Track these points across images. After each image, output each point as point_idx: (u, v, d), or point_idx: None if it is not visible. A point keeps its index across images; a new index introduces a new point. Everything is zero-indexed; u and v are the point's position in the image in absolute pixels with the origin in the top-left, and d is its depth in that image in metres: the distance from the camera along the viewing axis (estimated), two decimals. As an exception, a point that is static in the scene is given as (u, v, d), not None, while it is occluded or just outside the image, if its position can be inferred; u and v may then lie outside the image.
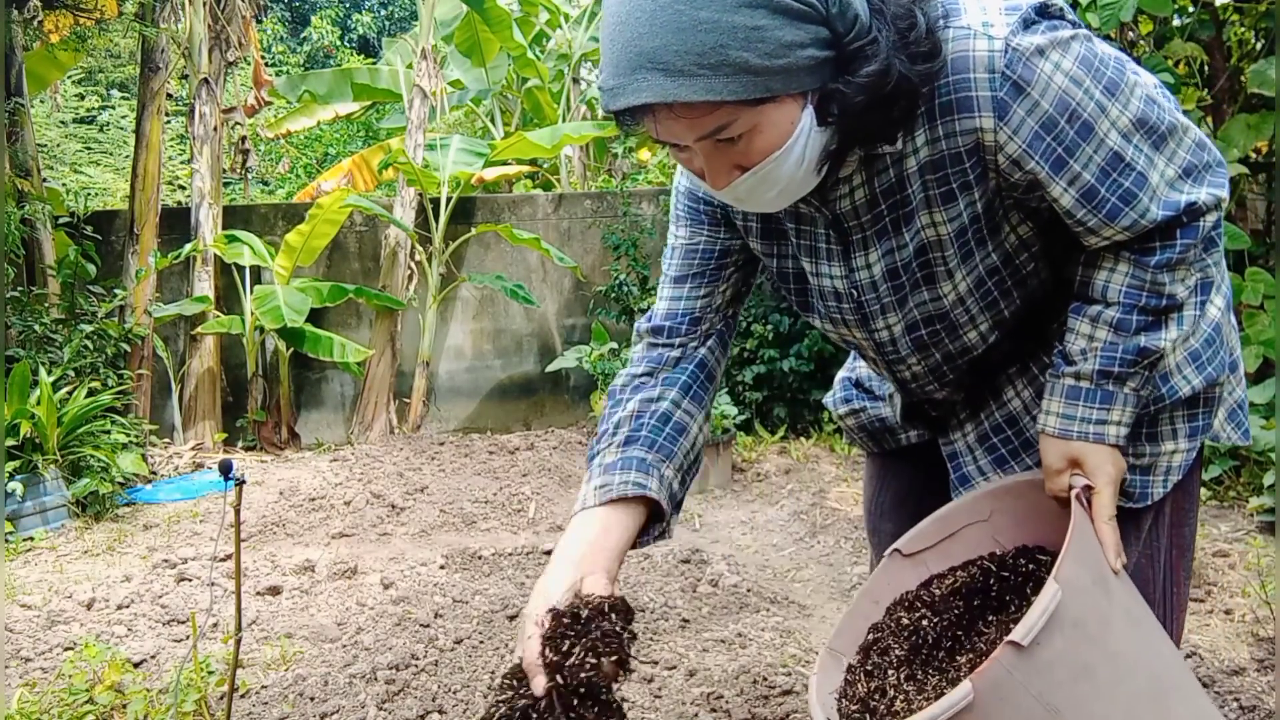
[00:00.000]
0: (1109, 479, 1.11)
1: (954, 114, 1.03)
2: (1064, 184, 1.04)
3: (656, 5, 0.89)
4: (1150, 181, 1.04)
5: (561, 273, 6.70)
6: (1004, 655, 0.94)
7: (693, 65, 0.89)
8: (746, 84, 0.90)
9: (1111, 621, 1.03)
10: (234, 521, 1.90)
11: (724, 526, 4.13)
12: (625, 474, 1.14)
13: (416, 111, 6.59)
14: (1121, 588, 1.08)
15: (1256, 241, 4.00)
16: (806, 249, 1.21)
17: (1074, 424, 1.12)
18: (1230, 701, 2.27)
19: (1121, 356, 1.09)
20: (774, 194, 1.04)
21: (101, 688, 2.42)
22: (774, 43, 0.90)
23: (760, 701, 2.34)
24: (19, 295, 5.20)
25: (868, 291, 1.19)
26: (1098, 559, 1.06)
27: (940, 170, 1.07)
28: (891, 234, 1.14)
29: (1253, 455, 3.76)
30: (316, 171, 11.34)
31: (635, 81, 0.91)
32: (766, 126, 0.96)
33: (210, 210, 6.17)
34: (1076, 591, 0.98)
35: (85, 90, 11.09)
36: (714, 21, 0.88)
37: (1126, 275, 1.09)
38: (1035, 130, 1.02)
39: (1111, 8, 3.50)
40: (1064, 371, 1.13)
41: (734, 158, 0.99)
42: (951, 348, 1.24)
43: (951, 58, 1.01)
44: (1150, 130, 1.04)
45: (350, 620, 3.06)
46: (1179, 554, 1.29)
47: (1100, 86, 1.02)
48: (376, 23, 15.47)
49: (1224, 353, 1.23)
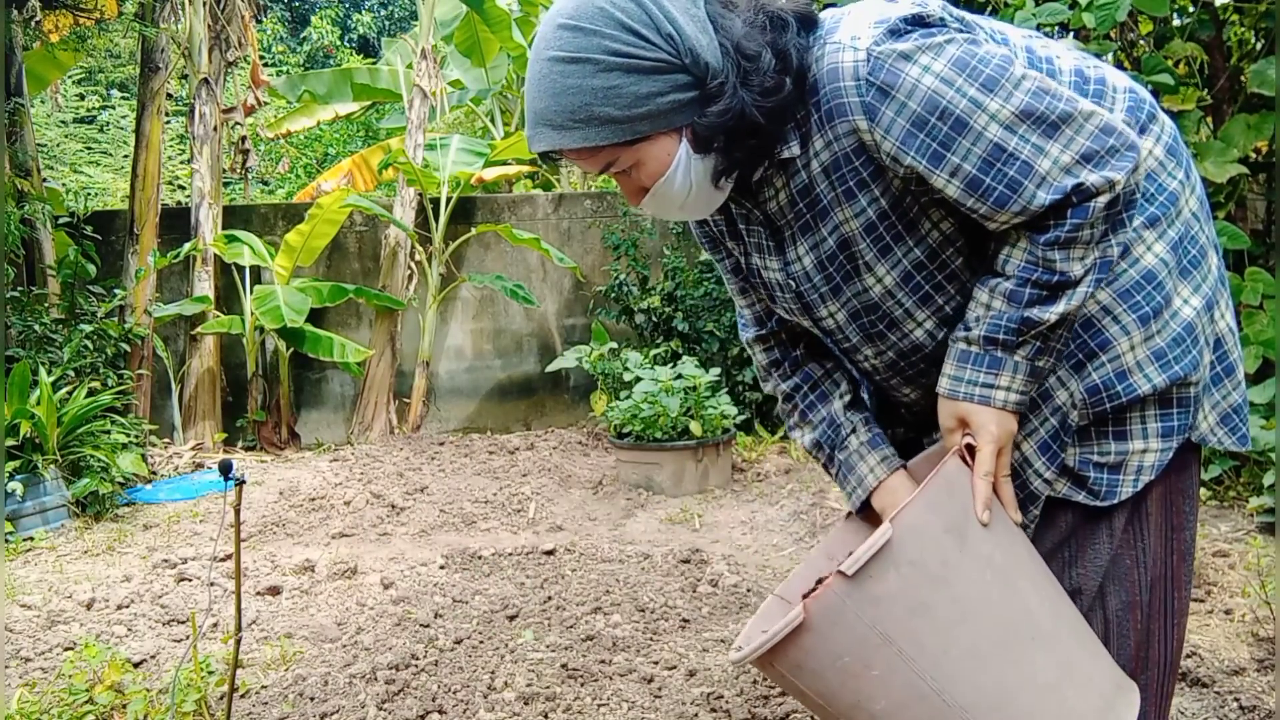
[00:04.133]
0: (991, 438, 1.18)
1: (834, 119, 1.16)
2: (945, 176, 1.13)
3: (541, 74, 1.12)
4: (1037, 168, 1.11)
5: (561, 273, 6.70)
6: (835, 583, 1.06)
7: (569, 121, 1.11)
8: (614, 131, 1.11)
9: (959, 567, 1.10)
10: (234, 521, 1.90)
11: (724, 526, 4.13)
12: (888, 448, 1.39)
13: (416, 111, 6.59)
14: (989, 539, 1.14)
15: (1256, 241, 4.00)
16: (755, 246, 1.36)
17: (961, 385, 1.20)
18: (1230, 701, 2.27)
19: (1006, 325, 1.16)
20: (677, 208, 1.23)
21: (101, 688, 2.42)
22: (630, 96, 1.10)
23: (760, 701, 2.34)
24: (19, 295, 5.20)
25: (804, 282, 1.31)
26: (957, 510, 1.13)
27: (839, 170, 1.19)
28: (813, 229, 1.26)
29: (1253, 455, 3.76)
30: (316, 171, 11.34)
31: (536, 134, 1.15)
32: (648, 159, 1.16)
33: (210, 210, 6.17)
34: (918, 535, 1.08)
35: (85, 90, 11.09)
36: (579, 86, 1.10)
37: (1024, 251, 1.16)
38: (907, 129, 1.12)
39: (1107, 8, 3.50)
40: (958, 336, 1.21)
41: (635, 183, 1.20)
42: (902, 345, 1.30)
43: (825, 70, 1.15)
44: (1038, 120, 1.11)
45: (350, 620, 3.06)
46: (1179, 559, 1.28)
47: (976, 84, 1.11)
48: (376, 23, 15.47)
49: (1195, 352, 1.22)
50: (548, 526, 4.22)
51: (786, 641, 1.07)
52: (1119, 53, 4.12)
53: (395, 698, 2.42)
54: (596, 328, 6.16)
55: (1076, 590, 1.25)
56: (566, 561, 3.56)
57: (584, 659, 2.60)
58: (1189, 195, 1.26)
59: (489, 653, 2.69)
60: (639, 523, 4.27)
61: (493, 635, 2.82)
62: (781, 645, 1.07)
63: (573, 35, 1.09)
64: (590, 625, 2.86)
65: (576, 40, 1.09)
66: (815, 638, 1.06)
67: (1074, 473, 1.24)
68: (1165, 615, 1.28)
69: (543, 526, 4.22)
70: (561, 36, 1.10)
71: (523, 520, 4.31)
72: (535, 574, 3.40)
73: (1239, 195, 3.98)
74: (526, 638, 2.78)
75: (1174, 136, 1.27)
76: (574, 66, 1.09)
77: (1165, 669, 1.29)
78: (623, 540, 3.94)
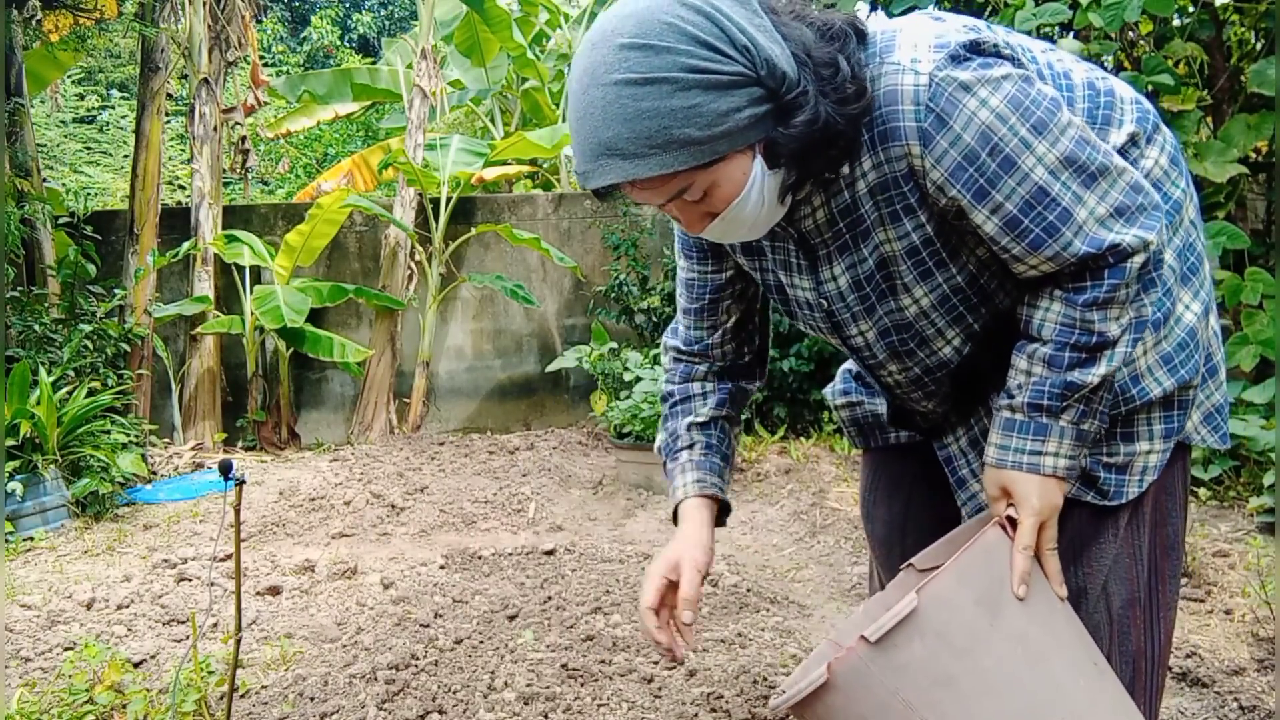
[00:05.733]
0: (1033, 510, 1.17)
1: (888, 142, 1.13)
2: (986, 212, 1.12)
3: (606, 100, 1.03)
4: (1076, 217, 1.11)
5: (561, 273, 6.70)
6: (859, 647, 1.07)
7: (644, 148, 1.03)
8: (694, 153, 1.04)
9: (988, 641, 1.10)
10: (234, 521, 1.90)
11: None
12: (712, 475, 1.44)
13: (416, 111, 6.59)
14: (1025, 615, 1.13)
15: (1256, 241, 3.99)
16: (781, 263, 1.33)
17: (1009, 454, 1.19)
18: (1230, 701, 2.27)
19: (1050, 390, 1.16)
20: (745, 230, 1.17)
21: (101, 688, 2.42)
22: (711, 115, 1.03)
23: (760, 701, 2.34)
24: (19, 295, 5.20)
25: (836, 301, 1.29)
26: (992, 582, 1.12)
27: (886, 192, 1.17)
28: (852, 249, 1.23)
29: (1253, 455, 3.76)
30: (316, 171, 11.34)
31: (600, 166, 1.06)
32: (723, 180, 1.09)
33: (210, 210, 6.17)
34: (946, 606, 1.08)
35: (85, 90, 11.09)
36: (655, 109, 1.02)
37: (1059, 314, 1.15)
38: (958, 161, 1.11)
39: (1116, 8, 3.50)
40: (1002, 405, 1.21)
41: (701, 208, 1.13)
42: (929, 361, 1.30)
43: (883, 91, 1.12)
44: (1080, 169, 1.11)
45: (350, 620, 3.06)
46: (1163, 552, 1.33)
47: (1027, 125, 1.10)
48: (376, 23, 15.47)
49: (1198, 356, 1.27)
50: (548, 526, 4.22)
51: (812, 697, 1.09)
52: (1119, 52, 4.12)
53: (395, 698, 2.42)
54: (596, 328, 6.15)
55: (1082, 589, 1.27)
56: (566, 561, 3.56)
57: (584, 659, 2.60)
58: (1189, 203, 1.30)
59: (489, 653, 2.69)
60: (639, 523, 4.27)
61: (493, 635, 2.82)
62: (808, 700, 1.10)
63: (643, 55, 1.02)
64: (590, 625, 2.86)
65: (648, 60, 1.01)
66: (839, 697, 1.08)
67: (1085, 473, 1.26)
68: (1155, 609, 1.32)
69: (543, 526, 4.22)
70: (629, 57, 1.02)
71: (523, 520, 4.31)
72: (535, 574, 3.40)
73: (1239, 195, 3.98)
74: (526, 638, 2.78)
75: (1175, 146, 1.31)
76: (649, 88, 1.01)
77: (1157, 663, 1.33)
78: (623, 540, 3.94)
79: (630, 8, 1.05)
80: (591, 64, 1.05)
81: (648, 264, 6.37)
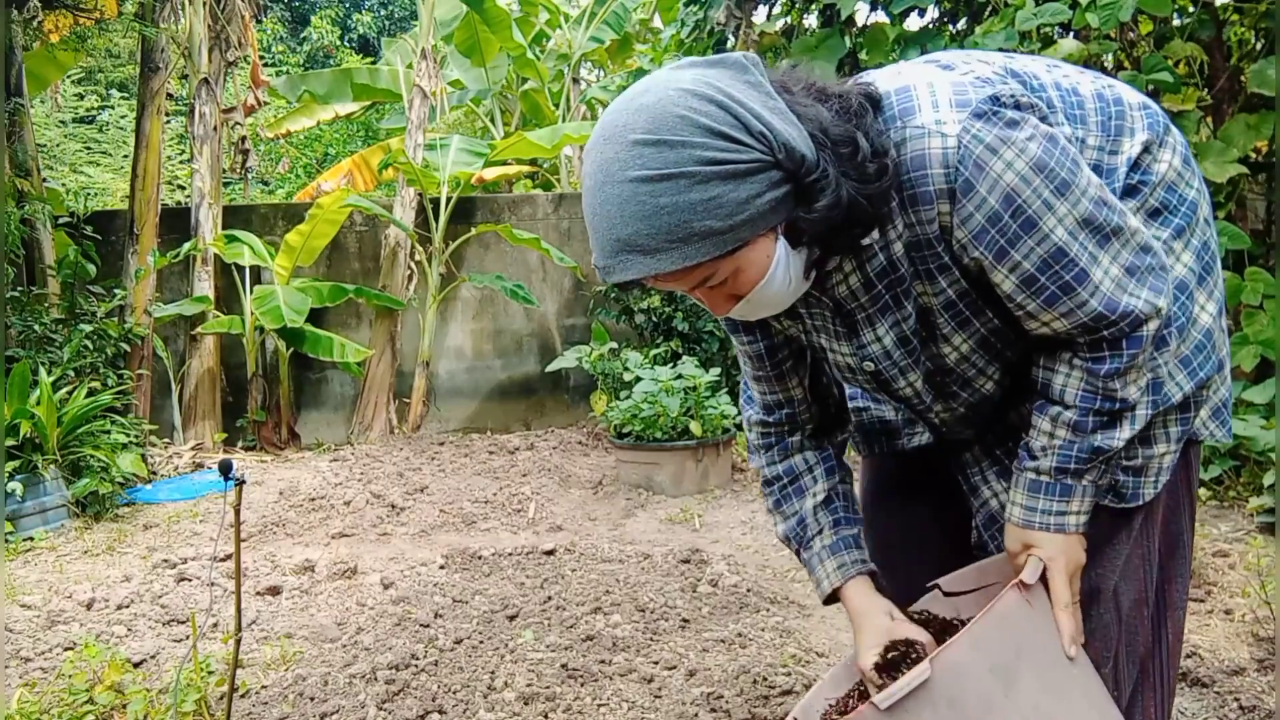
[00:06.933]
0: (1061, 569, 1.19)
1: (919, 205, 1.12)
2: (1005, 271, 1.12)
3: (623, 198, 1.01)
4: (1092, 277, 1.12)
5: (561, 273, 6.70)
6: (866, 711, 1.06)
7: (665, 243, 1.01)
8: (715, 244, 1.02)
9: (1001, 710, 1.09)
10: (234, 521, 1.90)
11: (724, 526, 4.13)
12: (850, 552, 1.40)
13: (416, 111, 6.59)
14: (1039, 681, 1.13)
15: (1256, 241, 3.99)
16: (819, 329, 1.32)
17: (1035, 515, 1.22)
18: (1230, 701, 2.27)
19: (1077, 455, 1.19)
20: (771, 308, 1.17)
21: (101, 688, 2.42)
22: (731, 204, 1.01)
23: (760, 701, 2.34)
24: (19, 295, 5.20)
25: (883, 360, 1.28)
26: (1008, 646, 1.12)
27: (920, 251, 1.16)
28: (894, 309, 1.23)
29: (1253, 455, 3.76)
30: (316, 171, 11.34)
31: (621, 262, 1.04)
32: (746, 265, 1.08)
33: (210, 210, 6.17)
34: (959, 674, 1.07)
35: (85, 90, 11.08)
36: (674, 204, 0.99)
37: (1081, 381, 1.17)
38: (982, 224, 1.10)
39: (1110, 8, 3.50)
40: (1026, 466, 1.23)
41: (726, 291, 1.12)
42: (973, 399, 1.31)
43: (910, 156, 1.10)
44: (1096, 230, 1.11)
45: (350, 620, 3.06)
46: (1169, 552, 1.33)
47: (1051, 186, 1.09)
48: (376, 23, 15.47)
49: (1215, 357, 1.28)
50: (548, 526, 4.22)
51: None
52: (1119, 52, 4.12)
53: (395, 698, 2.42)
54: (596, 328, 6.15)
55: (1095, 590, 1.28)
56: (566, 561, 3.56)
57: (584, 659, 2.60)
58: (1203, 203, 1.31)
59: (489, 653, 2.69)
60: (639, 523, 4.27)
61: (493, 635, 2.82)
62: None
63: (656, 150, 0.99)
64: (590, 625, 2.86)
65: (663, 155, 0.99)
66: None
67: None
68: (1162, 609, 1.33)
69: (543, 526, 4.22)
70: (643, 154, 0.99)
71: (523, 520, 4.31)
72: (535, 574, 3.40)
73: (1239, 195, 3.98)
74: (526, 638, 2.78)
75: (1185, 145, 1.31)
76: (665, 184, 0.99)
77: (1165, 664, 1.33)
78: (623, 540, 3.94)
79: (641, 100, 1.02)
80: (605, 160, 1.02)
81: (648, 264, 6.37)
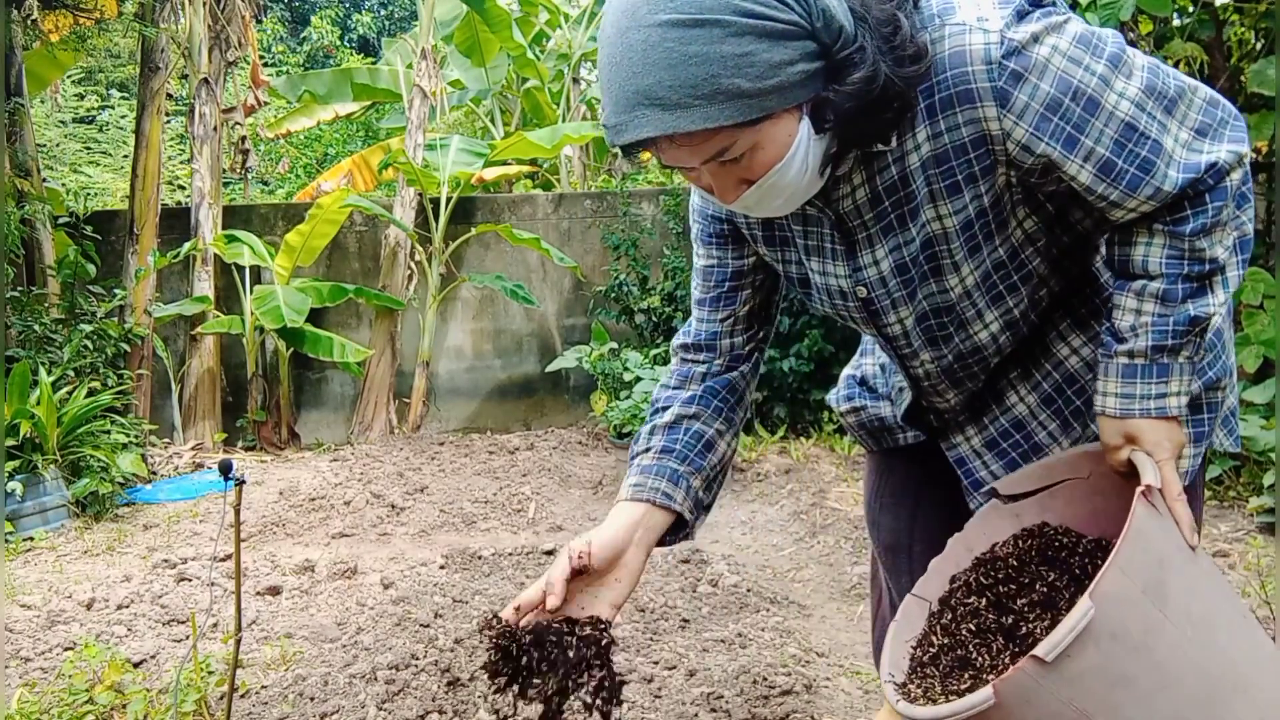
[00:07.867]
0: (1168, 454, 1.10)
1: (955, 107, 1.05)
2: (1079, 161, 1.05)
3: (648, 44, 0.93)
4: (1166, 147, 1.05)
5: (561, 273, 6.70)
6: (1028, 665, 0.96)
7: (688, 98, 0.93)
8: (741, 108, 0.94)
9: (1161, 630, 1.02)
10: (234, 521, 1.90)
11: (724, 526, 4.13)
12: (658, 480, 1.29)
13: (416, 111, 6.59)
14: (1184, 587, 1.06)
15: (1257, 242, 3.99)
16: (814, 249, 1.24)
17: (1134, 402, 1.12)
18: (1230, 701, 2.27)
19: (1174, 329, 1.09)
20: (781, 201, 1.08)
21: (101, 688, 2.42)
22: (763, 65, 0.94)
23: (760, 701, 2.34)
24: (19, 295, 5.20)
25: (877, 287, 1.21)
26: (1152, 562, 1.04)
27: (945, 164, 1.09)
28: (897, 230, 1.16)
29: (1253, 455, 3.76)
30: (316, 171, 11.33)
31: (635, 118, 0.96)
32: (766, 142, 1.00)
33: (210, 210, 6.17)
34: (1118, 603, 0.99)
35: (85, 90, 11.08)
36: (704, 54, 0.92)
37: (1164, 246, 1.08)
38: (1041, 113, 1.03)
39: (1110, 8, 3.50)
40: (1116, 350, 1.12)
41: (739, 173, 1.03)
42: (963, 347, 1.25)
43: (949, 53, 1.04)
44: (1160, 96, 1.05)
45: (350, 620, 3.06)
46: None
47: (1102, 61, 1.04)
48: (376, 23, 15.47)
49: (1225, 357, 1.25)
50: (548, 526, 4.22)
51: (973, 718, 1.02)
52: (1119, 53, 4.12)
53: (395, 698, 2.41)
54: (596, 328, 6.15)
55: None
56: (566, 561, 3.56)
57: (584, 659, 2.60)
58: None
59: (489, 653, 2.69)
60: (639, 523, 4.26)
61: (493, 635, 2.82)
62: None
63: None
64: (590, 625, 2.86)
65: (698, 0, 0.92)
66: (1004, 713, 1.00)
67: None
68: None
69: (543, 526, 4.22)
70: None
71: (523, 520, 4.31)
72: (535, 574, 3.40)
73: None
74: (526, 638, 2.78)
75: None
76: (698, 30, 0.92)
77: None
78: (623, 540, 3.94)
79: None
80: (632, 4, 0.95)
81: (648, 264, 6.37)
